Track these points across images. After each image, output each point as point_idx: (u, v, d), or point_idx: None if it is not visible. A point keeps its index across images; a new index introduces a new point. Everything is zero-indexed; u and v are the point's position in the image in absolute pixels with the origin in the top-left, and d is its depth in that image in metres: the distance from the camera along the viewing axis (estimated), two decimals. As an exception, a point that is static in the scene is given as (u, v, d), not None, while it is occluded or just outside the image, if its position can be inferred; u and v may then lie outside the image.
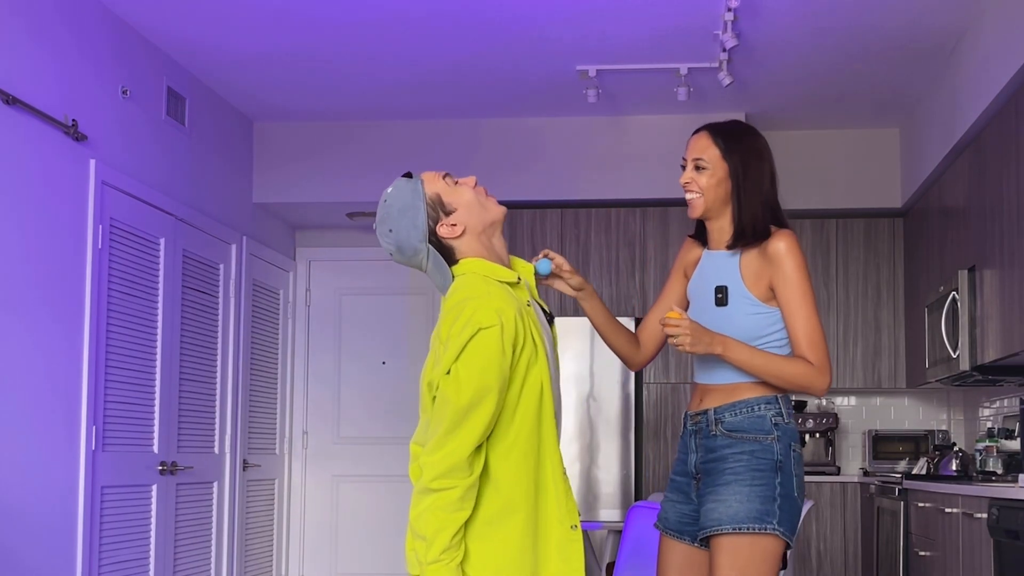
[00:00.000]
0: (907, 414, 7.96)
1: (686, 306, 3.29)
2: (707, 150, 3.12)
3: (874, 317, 7.64)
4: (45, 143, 4.99)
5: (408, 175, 2.88)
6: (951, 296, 6.11)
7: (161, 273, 6.03)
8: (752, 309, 3.09)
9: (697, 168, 3.12)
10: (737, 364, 3.02)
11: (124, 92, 5.69)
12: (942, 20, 5.68)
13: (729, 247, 3.14)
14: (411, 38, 5.98)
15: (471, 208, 2.86)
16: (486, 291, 2.72)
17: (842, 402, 8.05)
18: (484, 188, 2.93)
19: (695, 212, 3.16)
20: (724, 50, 5.90)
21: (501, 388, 2.68)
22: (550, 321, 2.98)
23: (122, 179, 5.62)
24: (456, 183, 2.89)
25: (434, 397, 2.72)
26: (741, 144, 3.12)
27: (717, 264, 3.16)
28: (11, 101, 4.68)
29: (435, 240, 2.85)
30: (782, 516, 3.00)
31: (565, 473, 2.83)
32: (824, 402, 8.02)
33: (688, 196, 3.15)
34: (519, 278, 2.89)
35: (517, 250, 7.47)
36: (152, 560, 5.89)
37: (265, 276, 7.62)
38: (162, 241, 6.05)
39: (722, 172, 3.11)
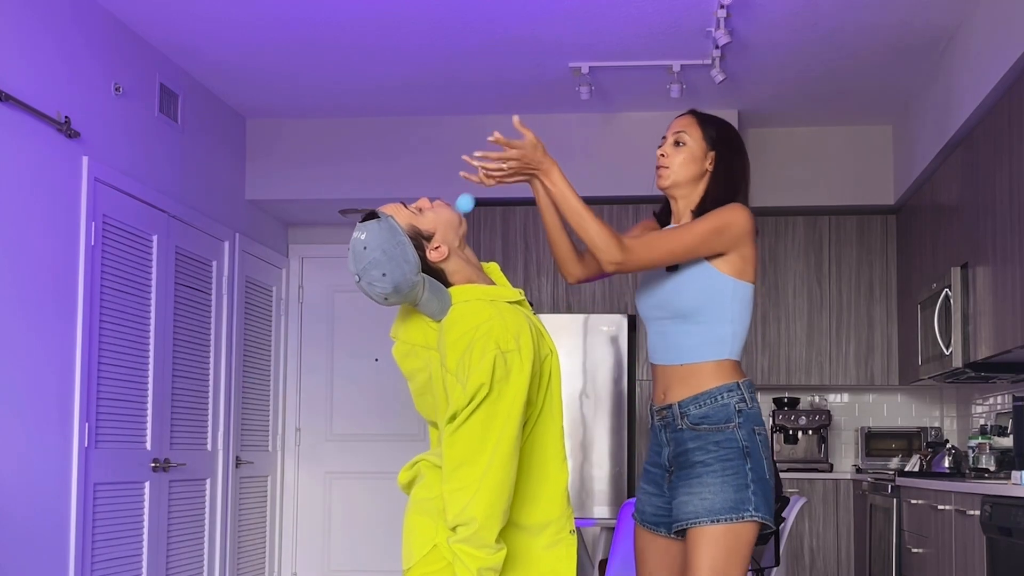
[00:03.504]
0: (900, 411, 7.97)
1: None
2: (690, 127, 3.22)
3: (867, 314, 7.65)
4: (38, 140, 4.98)
5: (373, 215, 2.80)
6: (944, 293, 6.12)
7: (154, 270, 6.02)
8: (704, 275, 3.11)
9: (676, 143, 3.21)
10: (555, 190, 3.03)
11: (117, 89, 5.68)
12: (935, 17, 5.69)
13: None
14: (404, 35, 5.98)
15: (445, 227, 2.84)
16: (497, 314, 2.71)
17: (835, 399, 8.06)
18: (440, 201, 2.91)
19: (662, 183, 3.22)
20: (717, 47, 5.91)
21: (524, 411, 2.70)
22: None
23: (115, 176, 5.61)
24: (419, 210, 2.86)
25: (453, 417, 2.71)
26: (722, 133, 3.23)
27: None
28: (4, 98, 4.67)
29: (426, 267, 2.82)
30: (757, 501, 3.03)
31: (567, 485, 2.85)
32: (817, 399, 8.03)
33: (660, 167, 3.22)
34: (522, 295, 2.89)
35: (510, 247, 7.48)
36: (145, 557, 5.88)
37: (258, 273, 7.61)
38: (155, 238, 6.04)
39: (698, 151, 3.19)
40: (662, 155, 3.21)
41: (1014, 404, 5.50)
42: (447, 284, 2.84)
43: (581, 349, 7.15)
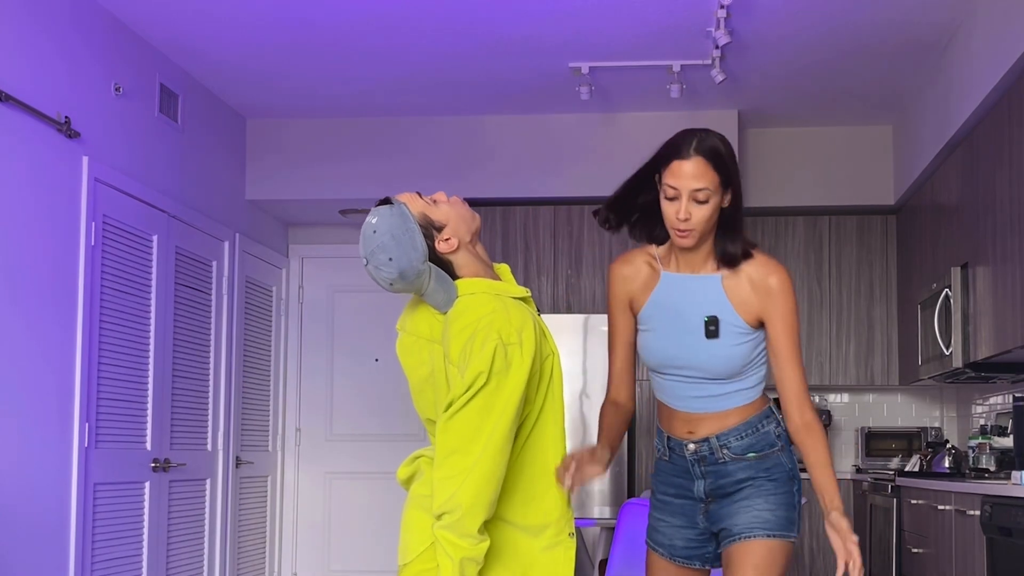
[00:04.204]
0: (900, 411, 7.97)
1: (633, 338, 3.12)
2: (707, 180, 2.85)
3: (867, 314, 7.65)
4: (38, 140, 4.97)
5: (387, 201, 2.82)
6: (944, 293, 6.12)
7: (154, 270, 6.02)
8: (741, 338, 2.95)
9: (697, 201, 2.86)
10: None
11: (117, 89, 5.68)
12: (935, 17, 5.69)
13: (728, 265, 2.96)
14: (404, 35, 5.98)
15: (457, 221, 2.85)
16: (502, 307, 2.71)
17: (835, 399, 8.05)
18: (457, 197, 2.92)
19: (687, 243, 2.91)
20: (717, 47, 5.90)
21: (521, 406, 2.70)
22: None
23: (115, 176, 5.61)
24: (434, 201, 2.87)
25: (450, 406, 2.71)
26: (733, 164, 2.91)
27: (694, 290, 2.98)
28: (4, 98, 4.67)
29: (434, 258, 2.83)
30: (799, 523, 3.01)
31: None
32: (817, 399, 8.02)
33: (682, 229, 2.88)
34: (528, 293, 2.89)
35: (510, 247, 7.47)
36: (145, 557, 5.88)
37: (258, 273, 7.61)
38: (155, 238, 6.04)
39: (718, 199, 2.88)
40: (685, 219, 2.85)
41: (1014, 404, 5.49)
42: (454, 277, 2.85)
43: (581, 349, 7.15)
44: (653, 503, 3.17)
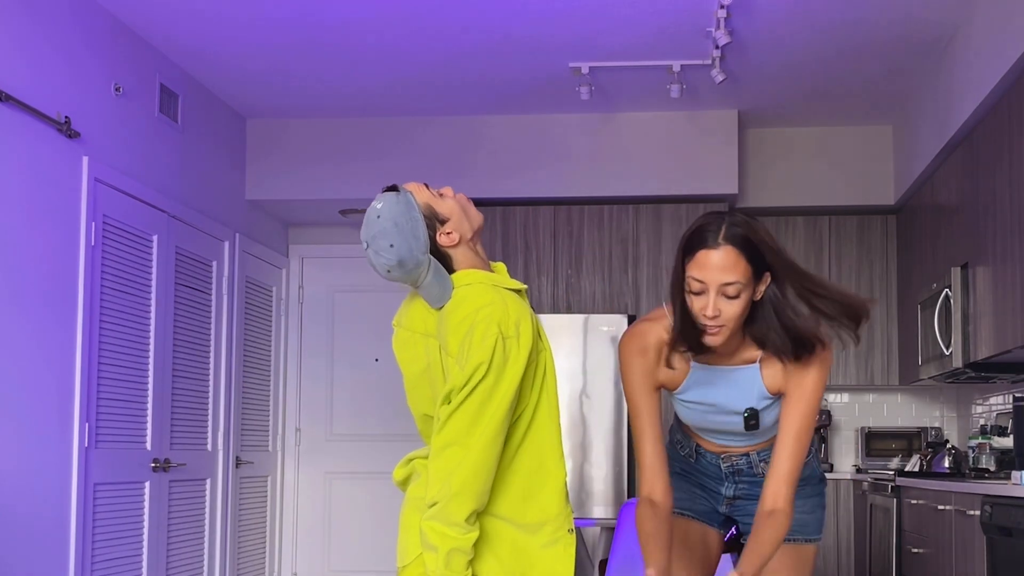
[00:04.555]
0: (900, 411, 7.97)
1: (660, 420, 2.93)
2: (738, 272, 2.61)
3: (867, 314, 7.64)
4: (38, 140, 4.97)
5: (393, 188, 2.80)
6: (944, 293, 6.12)
7: (154, 270, 6.02)
8: (776, 405, 2.87)
9: (726, 296, 2.62)
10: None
11: (117, 89, 5.67)
12: (935, 16, 5.69)
13: (794, 359, 2.76)
14: (405, 35, 5.98)
15: (461, 216, 2.85)
16: (500, 300, 2.72)
17: (835, 399, 8.05)
18: (463, 195, 2.92)
19: (716, 341, 2.69)
20: (717, 47, 5.90)
21: (515, 400, 2.71)
22: None
23: (115, 176, 5.61)
24: (440, 194, 2.87)
25: (448, 401, 2.71)
26: (773, 246, 2.65)
27: (732, 382, 2.86)
28: (4, 98, 4.67)
29: (434, 251, 2.82)
30: (824, 525, 3.06)
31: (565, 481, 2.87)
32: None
33: (710, 325, 2.66)
34: (524, 287, 2.90)
35: (510, 247, 7.47)
36: (145, 557, 5.88)
37: (258, 273, 7.61)
38: (155, 238, 6.04)
39: (750, 290, 2.66)
40: (714, 316, 2.62)
41: (1014, 404, 5.50)
42: (451, 271, 2.85)
43: (581, 349, 7.14)
44: (681, 479, 3.20)
